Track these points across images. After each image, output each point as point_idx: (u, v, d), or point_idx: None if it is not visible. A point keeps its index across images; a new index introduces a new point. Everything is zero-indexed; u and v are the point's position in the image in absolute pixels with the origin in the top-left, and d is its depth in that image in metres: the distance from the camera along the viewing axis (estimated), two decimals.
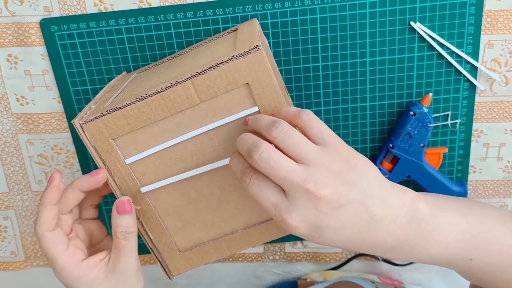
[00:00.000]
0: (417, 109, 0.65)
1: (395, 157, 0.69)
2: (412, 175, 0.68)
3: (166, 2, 0.63)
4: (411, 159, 0.67)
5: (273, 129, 0.44)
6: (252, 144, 0.44)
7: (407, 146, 0.67)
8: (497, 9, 0.64)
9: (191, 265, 0.57)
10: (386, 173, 0.68)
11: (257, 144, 0.44)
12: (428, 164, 0.68)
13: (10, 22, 0.64)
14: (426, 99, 0.65)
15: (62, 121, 0.70)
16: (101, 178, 0.51)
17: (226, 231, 0.56)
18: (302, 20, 0.64)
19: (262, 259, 0.80)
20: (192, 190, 0.53)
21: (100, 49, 0.65)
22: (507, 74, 0.67)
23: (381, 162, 0.69)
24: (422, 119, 0.65)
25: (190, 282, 0.82)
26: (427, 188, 0.69)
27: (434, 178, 0.69)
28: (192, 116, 0.49)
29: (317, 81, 0.67)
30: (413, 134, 0.66)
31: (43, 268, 0.81)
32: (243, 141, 0.46)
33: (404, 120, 0.66)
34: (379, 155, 0.69)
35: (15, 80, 0.68)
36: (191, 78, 0.47)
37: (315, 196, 0.42)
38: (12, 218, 0.77)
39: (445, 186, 0.69)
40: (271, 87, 0.48)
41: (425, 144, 0.66)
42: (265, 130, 0.45)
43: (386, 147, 0.68)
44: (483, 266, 0.48)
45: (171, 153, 0.51)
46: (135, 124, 0.49)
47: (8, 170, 0.73)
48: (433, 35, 0.64)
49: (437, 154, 0.69)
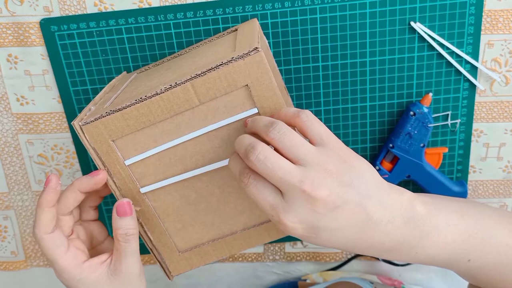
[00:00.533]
0: (417, 109, 0.65)
1: (395, 157, 0.69)
2: (412, 175, 0.68)
3: (166, 2, 0.63)
4: (411, 159, 0.67)
5: (271, 129, 0.44)
6: (249, 145, 0.44)
7: (407, 146, 0.67)
8: (497, 9, 0.64)
9: (190, 265, 0.57)
10: (386, 173, 0.68)
11: (254, 145, 0.44)
12: (428, 164, 0.68)
13: (10, 22, 0.64)
14: (426, 99, 0.65)
15: (62, 121, 0.70)
16: (101, 179, 0.51)
17: (225, 232, 0.56)
18: (302, 20, 0.64)
19: (262, 259, 0.80)
20: (191, 191, 0.53)
21: (100, 49, 0.65)
22: (507, 74, 0.67)
23: (381, 162, 0.69)
24: (422, 119, 0.65)
25: (190, 282, 0.82)
26: (427, 188, 0.69)
27: (434, 178, 0.69)
28: (191, 117, 0.49)
29: (317, 81, 0.67)
30: (413, 134, 0.66)
31: (43, 268, 0.81)
32: (241, 142, 0.46)
33: (404, 120, 0.66)
34: (379, 155, 0.69)
35: (15, 80, 0.68)
36: (190, 79, 0.47)
37: (312, 197, 0.42)
38: (12, 218, 0.77)
39: (445, 186, 0.69)
40: (270, 89, 0.48)
41: (425, 144, 0.66)
42: (263, 131, 0.45)
43: (386, 147, 0.68)
44: (481, 266, 0.48)
45: (171, 155, 0.51)
46: (135, 126, 0.49)
47: (8, 170, 0.73)
48: (433, 35, 0.64)
49: (437, 154, 0.69)
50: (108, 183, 0.52)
